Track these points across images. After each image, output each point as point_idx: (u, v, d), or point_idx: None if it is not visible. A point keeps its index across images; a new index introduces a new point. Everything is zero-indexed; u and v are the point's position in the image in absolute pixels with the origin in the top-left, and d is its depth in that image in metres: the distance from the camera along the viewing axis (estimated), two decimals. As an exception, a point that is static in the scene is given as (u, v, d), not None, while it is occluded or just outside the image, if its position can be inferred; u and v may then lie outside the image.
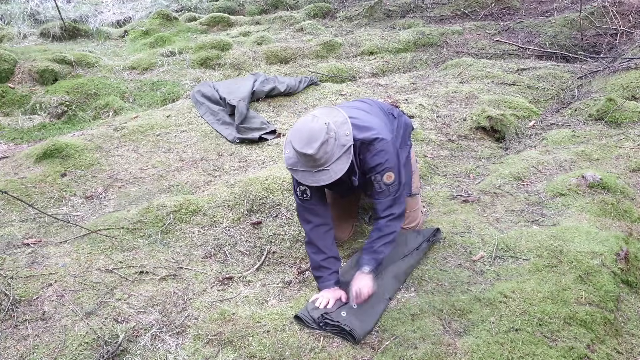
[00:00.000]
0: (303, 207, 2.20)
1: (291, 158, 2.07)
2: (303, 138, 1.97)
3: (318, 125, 1.98)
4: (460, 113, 3.93)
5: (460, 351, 1.79)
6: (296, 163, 2.05)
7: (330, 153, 1.99)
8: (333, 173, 2.01)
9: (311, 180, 2.03)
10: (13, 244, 2.45)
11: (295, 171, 2.06)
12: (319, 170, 2.01)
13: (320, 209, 2.20)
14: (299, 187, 2.17)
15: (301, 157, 2.00)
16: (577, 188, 2.76)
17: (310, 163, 2.00)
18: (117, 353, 1.83)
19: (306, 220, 2.20)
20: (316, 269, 2.17)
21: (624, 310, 2.03)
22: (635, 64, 4.29)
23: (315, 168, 2.01)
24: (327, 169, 2.01)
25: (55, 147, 3.33)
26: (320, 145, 1.95)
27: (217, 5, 8.91)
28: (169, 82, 5.23)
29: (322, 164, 2.00)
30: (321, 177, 2.01)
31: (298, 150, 1.98)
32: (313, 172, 2.02)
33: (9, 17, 7.98)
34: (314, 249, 2.17)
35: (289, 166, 2.07)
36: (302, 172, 2.04)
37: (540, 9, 7.21)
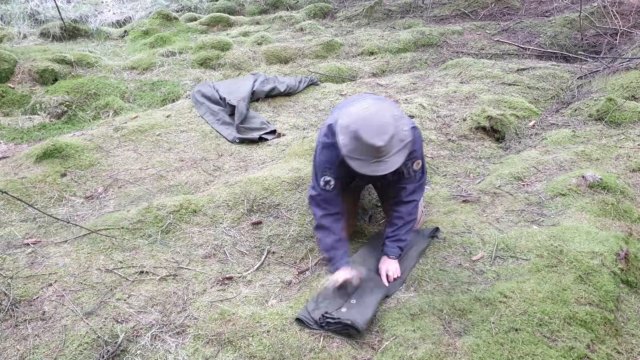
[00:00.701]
0: (321, 197, 2.23)
1: (348, 145, 2.04)
2: (373, 129, 1.98)
3: (388, 119, 2.01)
4: (460, 113, 3.93)
5: (460, 351, 1.79)
6: (354, 151, 2.03)
7: (394, 145, 2.02)
8: (390, 165, 2.03)
9: (368, 169, 2.03)
10: (13, 244, 2.45)
11: (352, 159, 2.04)
12: (377, 161, 2.01)
13: (337, 200, 2.25)
14: (323, 177, 2.20)
15: (364, 147, 1.99)
16: (577, 188, 2.76)
17: (372, 153, 2.00)
18: (117, 353, 1.83)
19: (320, 207, 2.24)
20: (328, 250, 2.21)
21: (624, 310, 2.03)
22: (635, 64, 4.29)
23: (375, 159, 2.01)
24: (386, 161, 2.02)
25: (55, 147, 3.33)
26: (390, 138, 1.98)
27: (217, 5, 8.91)
28: (169, 82, 5.23)
29: (383, 156, 2.01)
30: (379, 167, 2.02)
31: (366, 141, 1.97)
32: (371, 162, 2.02)
33: (9, 17, 7.98)
34: (326, 232, 2.21)
35: (347, 153, 2.04)
36: (360, 160, 2.03)
37: (540, 9, 7.21)
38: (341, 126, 2.08)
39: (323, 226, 2.23)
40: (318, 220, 2.25)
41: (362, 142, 1.98)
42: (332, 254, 2.20)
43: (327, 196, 2.23)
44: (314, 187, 2.27)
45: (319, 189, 2.23)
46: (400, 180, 2.29)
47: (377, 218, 2.77)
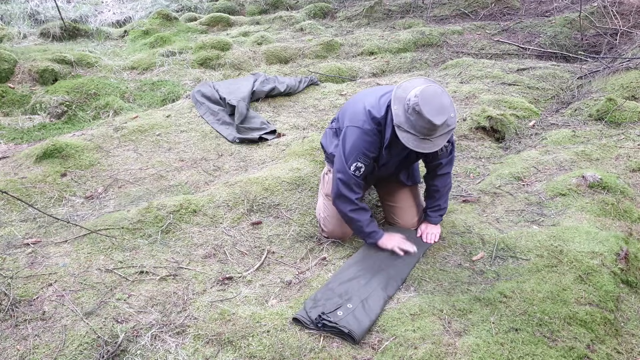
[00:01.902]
0: (352, 181, 2.31)
1: (400, 116, 2.12)
2: (435, 107, 2.05)
3: (448, 101, 2.10)
4: (460, 113, 3.93)
5: (460, 351, 1.79)
6: (407, 123, 2.11)
7: (444, 128, 2.10)
8: (434, 146, 2.13)
9: (414, 144, 2.11)
10: (13, 244, 2.45)
11: (403, 131, 2.12)
12: (425, 138, 2.10)
13: (362, 185, 2.37)
14: (355, 163, 2.28)
15: (421, 122, 2.06)
16: (577, 188, 2.76)
17: (424, 130, 2.08)
18: (117, 353, 1.83)
19: (353, 191, 2.33)
20: (369, 226, 2.38)
21: (624, 310, 2.03)
22: (635, 64, 4.29)
23: (425, 136, 2.10)
24: (432, 141, 2.12)
25: (55, 147, 3.33)
26: (446, 119, 2.07)
27: (217, 5, 8.91)
28: (169, 82, 5.23)
29: (432, 135, 2.10)
30: (425, 145, 2.12)
31: (425, 116, 2.03)
32: (419, 138, 2.11)
33: (9, 17, 7.98)
34: (363, 212, 2.36)
35: (399, 123, 2.12)
36: (409, 134, 2.11)
37: (540, 9, 7.21)
38: (398, 97, 2.16)
39: (359, 207, 2.35)
40: (352, 204, 2.34)
41: (421, 117, 2.05)
42: (373, 228, 2.39)
43: (357, 181, 2.32)
44: (341, 171, 2.32)
45: (349, 174, 2.30)
46: (435, 158, 2.41)
47: (377, 218, 2.77)
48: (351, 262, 2.36)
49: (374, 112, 2.27)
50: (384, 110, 2.26)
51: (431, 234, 2.50)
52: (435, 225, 2.54)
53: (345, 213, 2.37)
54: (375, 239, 2.40)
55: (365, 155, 2.28)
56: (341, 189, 2.34)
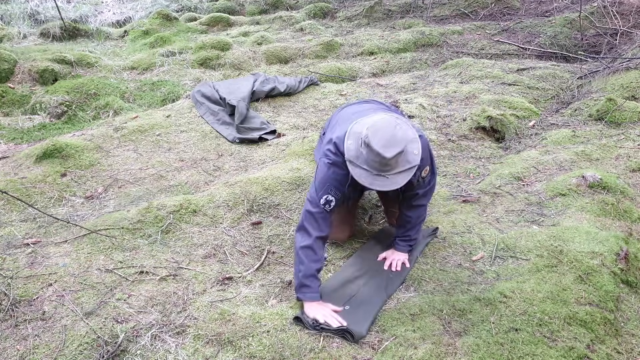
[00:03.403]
0: (320, 216, 2.10)
1: (353, 151, 1.99)
2: (384, 139, 1.90)
3: (402, 134, 1.93)
4: (460, 113, 3.93)
5: (460, 351, 1.79)
6: (358, 158, 1.98)
7: (399, 163, 1.95)
8: (391, 183, 1.96)
9: (367, 181, 1.97)
10: (13, 244, 2.45)
11: (355, 166, 1.98)
12: (380, 174, 1.95)
13: (329, 222, 2.15)
14: (326, 196, 2.10)
15: (371, 156, 1.93)
16: (577, 188, 2.76)
17: (376, 165, 1.93)
18: (117, 353, 1.83)
19: (317, 228, 2.09)
20: (307, 278, 2.05)
21: (624, 310, 2.03)
22: (635, 64, 4.29)
23: (379, 172, 1.95)
24: (389, 177, 1.95)
25: (55, 147, 3.33)
26: (398, 153, 1.91)
27: (217, 5, 8.90)
28: (169, 82, 5.23)
29: (387, 171, 1.94)
30: (379, 182, 1.96)
31: (375, 149, 1.90)
32: (373, 174, 1.96)
33: (9, 17, 7.97)
34: (313, 256, 2.06)
35: (350, 158, 1.99)
36: (362, 169, 1.97)
37: (540, 9, 7.21)
38: (353, 131, 2.03)
39: (312, 248, 2.06)
40: (309, 240, 2.07)
41: (370, 149, 1.92)
42: (310, 283, 2.05)
43: (325, 215, 2.12)
44: (312, 202, 2.13)
45: (318, 207, 2.11)
46: (409, 189, 2.25)
47: (377, 218, 2.77)
48: (351, 263, 2.36)
49: (340, 146, 2.10)
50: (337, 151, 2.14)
51: (397, 261, 2.32)
52: (402, 253, 2.36)
53: (296, 247, 2.10)
54: (305, 296, 2.04)
55: (337, 189, 2.12)
56: (305, 220, 2.11)
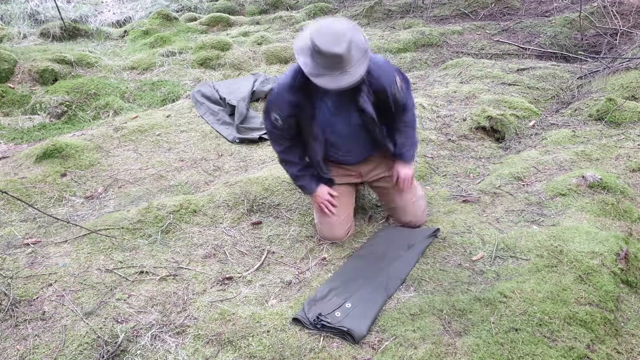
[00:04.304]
0: (274, 133, 2.38)
1: (309, 64, 2.05)
2: (330, 38, 1.97)
3: (343, 26, 2.01)
4: (460, 113, 3.93)
5: (460, 351, 1.79)
6: (316, 66, 2.04)
7: (353, 54, 2.01)
8: (354, 76, 2.03)
9: (333, 83, 2.02)
10: (13, 244, 2.45)
11: (317, 76, 2.03)
12: (342, 72, 2.02)
13: (290, 134, 2.37)
14: (272, 114, 2.30)
15: (325, 60, 1.99)
16: (577, 188, 2.76)
17: (334, 65, 2.00)
18: (117, 353, 1.83)
19: (278, 143, 2.43)
20: (298, 179, 2.46)
21: (624, 310, 2.03)
22: (635, 64, 4.29)
23: (338, 70, 2.01)
24: (349, 72, 2.02)
25: (55, 147, 3.33)
26: (349, 44, 1.97)
27: (217, 5, 8.90)
28: (169, 82, 5.23)
29: (345, 66, 2.01)
30: (343, 79, 2.02)
31: (325, 51, 1.96)
32: (336, 75, 2.02)
33: (9, 17, 7.97)
34: (289, 164, 2.45)
35: (311, 72, 2.04)
36: (324, 76, 2.02)
37: (540, 9, 7.20)
38: (299, 48, 2.09)
39: (284, 159, 2.45)
40: (279, 154, 2.46)
41: (322, 53, 1.97)
42: (302, 182, 2.46)
43: (279, 132, 2.36)
44: (265, 121, 2.40)
45: (269, 124, 2.36)
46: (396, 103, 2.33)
47: (376, 218, 2.77)
48: (350, 262, 2.36)
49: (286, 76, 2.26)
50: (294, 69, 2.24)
51: (406, 178, 2.44)
52: (408, 164, 2.46)
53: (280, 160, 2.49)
54: (307, 192, 2.51)
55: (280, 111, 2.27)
56: (270, 141, 2.48)
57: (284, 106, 2.27)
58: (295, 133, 2.38)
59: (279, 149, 2.44)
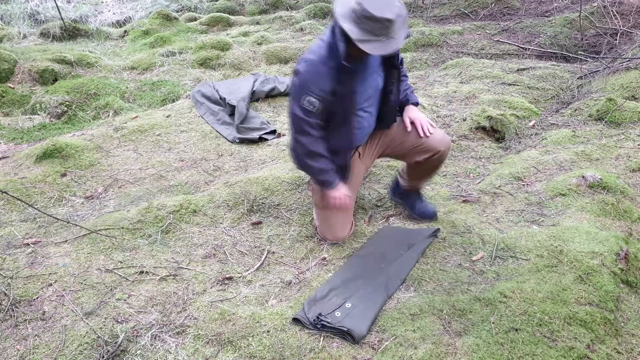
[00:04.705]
0: (305, 122, 2.18)
1: (355, 31, 1.98)
2: (381, 3, 1.96)
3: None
4: (460, 113, 3.93)
5: (460, 351, 1.79)
6: (365, 32, 1.98)
7: (399, 19, 2.00)
8: (399, 41, 2.03)
9: (381, 49, 2.01)
10: (13, 244, 2.45)
11: (365, 42, 1.98)
12: (388, 38, 2.00)
13: (320, 124, 2.23)
14: (307, 98, 2.13)
15: (374, 25, 1.96)
16: (577, 188, 2.76)
17: (382, 31, 1.97)
18: (117, 353, 1.83)
19: (306, 133, 2.21)
20: (323, 173, 2.30)
21: (624, 310, 2.03)
22: (635, 64, 4.29)
23: (386, 36, 1.99)
24: (394, 37, 2.01)
25: (55, 147, 3.33)
26: (399, 9, 1.98)
27: (217, 5, 8.90)
28: (169, 82, 5.23)
29: (391, 31, 1.99)
30: (390, 45, 2.01)
31: (378, 16, 1.94)
32: (383, 41, 2.00)
33: (9, 17, 7.97)
34: (316, 157, 2.26)
35: (359, 38, 1.98)
36: (372, 42, 1.99)
37: (540, 9, 7.21)
38: (341, 14, 2.03)
39: (312, 152, 2.25)
40: (306, 146, 2.24)
41: (373, 18, 1.94)
42: (326, 177, 2.31)
43: (311, 120, 2.19)
44: (294, 109, 2.20)
45: (301, 112, 2.17)
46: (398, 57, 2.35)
47: (376, 218, 2.77)
48: (351, 262, 2.36)
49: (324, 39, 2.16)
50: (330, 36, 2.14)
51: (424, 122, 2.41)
52: (415, 107, 2.48)
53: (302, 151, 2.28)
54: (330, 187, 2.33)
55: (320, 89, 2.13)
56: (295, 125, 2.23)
57: (324, 83, 2.13)
58: (325, 119, 2.24)
59: (308, 140, 2.23)
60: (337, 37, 2.09)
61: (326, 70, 2.12)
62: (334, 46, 2.11)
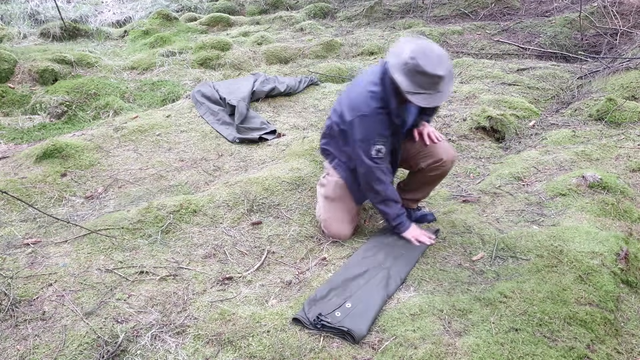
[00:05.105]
0: (377, 168, 2.31)
1: (405, 82, 2.12)
2: (434, 60, 2.09)
3: (441, 49, 2.15)
4: (460, 113, 3.93)
5: (460, 351, 1.79)
6: (412, 86, 2.12)
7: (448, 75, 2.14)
8: (445, 95, 2.18)
9: (430, 102, 2.15)
10: (13, 244, 2.45)
11: (415, 94, 2.13)
12: (437, 92, 2.14)
13: (388, 167, 2.38)
14: (374, 147, 2.27)
15: (426, 80, 2.10)
16: (577, 188, 2.76)
17: (433, 85, 2.12)
18: (117, 353, 1.83)
19: (380, 180, 2.34)
20: (398, 217, 2.43)
21: (624, 310, 2.03)
22: (635, 64, 4.29)
23: (435, 90, 2.13)
24: (442, 92, 2.16)
25: (55, 147, 3.33)
26: (449, 67, 2.12)
27: (217, 5, 8.91)
28: (169, 82, 5.23)
29: (441, 86, 2.13)
30: (438, 98, 2.16)
31: (430, 72, 2.07)
32: (431, 94, 2.14)
33: (9, 17, 7.98)
34: (391, 203, 2.39)
35: (409, 90, 2.12)
36: (421, 95, 2.13)
37: (540, 9, 7.21)
38: (395, 66, 2.15)
39: (389, 198, 2.38)
40: (382, 193, 2.36)
41: (426, 75, 2.08)
42: (401, 220, 2.44)
43: (381, 166, 2.32)
44: (364, 160, 2.31)
45: (370, 161, 2.30)
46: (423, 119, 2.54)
47: (376, 218, 2.78)
48: (351, 262, 2.36)
49: (374, 90, 2.26)
50: (379, 85, 2.27)
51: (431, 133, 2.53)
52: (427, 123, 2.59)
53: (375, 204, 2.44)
54: (404, 228, 2.45)
55: (381, 135, 2.28)
56: (370, 176, 2.34)
57: (384, 129, 2.28)
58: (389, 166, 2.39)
59: (383, 187, 2.37)
60: (387, 88, 2.24)
61: (381, 119, 2.27)
62: (385, 98, 2.25)
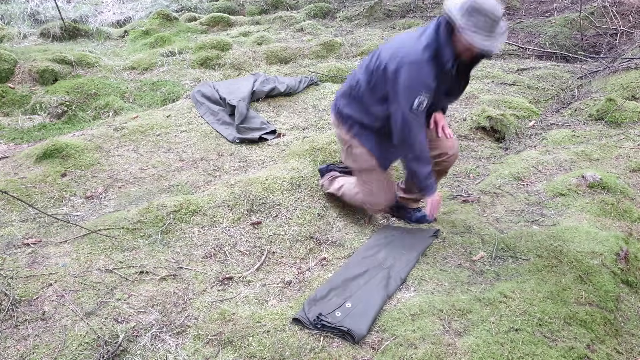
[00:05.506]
0: (415, 120, 2.25)
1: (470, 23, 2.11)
2: (492, 5, 2.11)
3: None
4: (460, 113, 3.93)
5: (460, 351, 1.79)
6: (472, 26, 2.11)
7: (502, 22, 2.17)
8: (501, 41, 2.18)
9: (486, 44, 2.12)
10: (13, 244, 2.45)
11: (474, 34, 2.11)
12: (495, 35, 2.15)
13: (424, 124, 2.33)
14: (418, 98, 2.20)
15: (486, 20, 2.10)
16: (577, 188, 2.76)
17: (491, 27, 2.12)
18: (117, 353, 1.83)
19: (417, 134, 2.28)
20: (429, 177, 2.36)
21: (624, 310, 2.03)
22: (635, 64, 4.29)
23: (493, 33, 2.14)
24: (498, 37, 2.16)
25: (55, 147, 3.33)
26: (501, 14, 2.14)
27: (217, 5, 8.91)
28: (169, 82, 5.23)
29: (498, 29, 2.15)
30: (494, 41, 2.15)
31: (490, 10, 2.09)
32: (489, 37, 2.13)
33: (9, 17, 7.98)
34: (423, 161, 2.33)
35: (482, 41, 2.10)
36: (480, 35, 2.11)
37: (540, 9, 7.21)
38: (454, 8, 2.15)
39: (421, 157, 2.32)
40: (419, 149, 2.30)
41: (485, 13, 2.09)
42: (430, 180, 2.37)
43: (420, 118, 2.27)
44: (404, 111, 2.24)
45: (411, 112, 2.23)
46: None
47: (376, 218, 2.78)
48: (351, 262, 2.36)
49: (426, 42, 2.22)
50: (433, 35, 2.24)
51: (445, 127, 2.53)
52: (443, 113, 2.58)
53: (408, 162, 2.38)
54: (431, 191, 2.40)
55: (427, 87, 2.21)
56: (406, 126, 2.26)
57: (430, 79, 2.21)
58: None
59: (418, 142, 2.31)
60: (441, 38, 2.21)
61: (430, 70, 2.20)
62: (438, 48, 2.21)
